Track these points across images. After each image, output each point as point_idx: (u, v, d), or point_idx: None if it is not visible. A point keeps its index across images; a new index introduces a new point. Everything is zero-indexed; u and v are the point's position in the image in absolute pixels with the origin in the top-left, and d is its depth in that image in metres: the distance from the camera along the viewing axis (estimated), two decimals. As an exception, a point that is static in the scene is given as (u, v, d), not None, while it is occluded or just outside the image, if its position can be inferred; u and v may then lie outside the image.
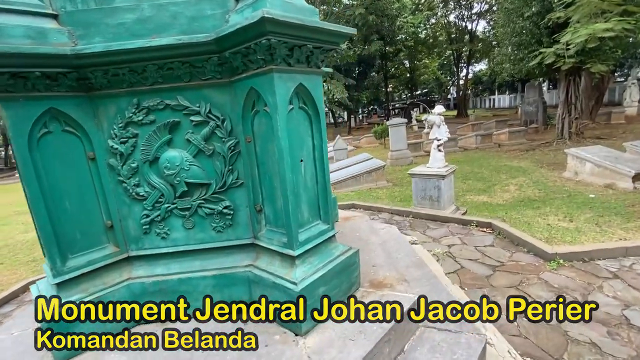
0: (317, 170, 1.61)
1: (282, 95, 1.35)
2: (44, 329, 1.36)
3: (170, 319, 1.64)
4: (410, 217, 4.92)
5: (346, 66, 27.43)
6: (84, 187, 1.52)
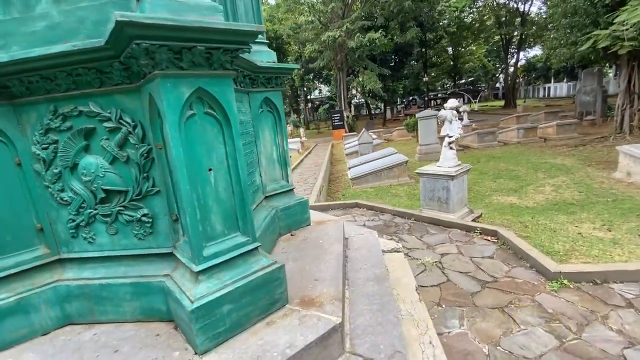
0: (232, 179, 1.51)
1: (172, 101, 1.27)
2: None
3: (92, 323, 1.67)
4: (412, 219, 4.63)
5: (382, 55, 26.50)
6: (12, 191, 1.57)
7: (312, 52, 23.25)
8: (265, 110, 2.48)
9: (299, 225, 2.70)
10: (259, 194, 2.42)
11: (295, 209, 2.65)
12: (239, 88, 2.15)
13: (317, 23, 21.55)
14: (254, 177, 2.34)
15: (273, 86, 2.47)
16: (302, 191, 7.42)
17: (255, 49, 2.35)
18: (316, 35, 21.70)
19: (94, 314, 1.68)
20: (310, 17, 20.94)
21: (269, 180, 2.57)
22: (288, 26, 23.00)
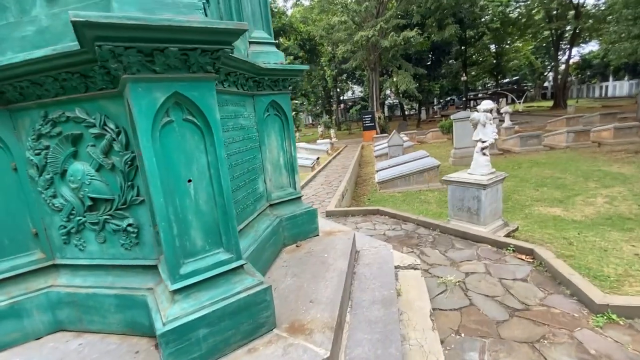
0: (214, 191, 1.40)
1: (144, 107, 1.17)
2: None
3: (81, 331, 1.64)
4: (437, 231, 4.28)
5: (417, 54, 25.61)
6: (9, 196, 1.58)
7: (345, 53, 23.00)
8: (272, 114, 2.37)
9: (306, 236, 2.55)
10: (262, 202, 2.31)
11: (302, 219, 2.50)
12: (241, 91, 2.05)
13: (351, 23, 21.27)
14: (256, 184, 2.23)
15: (280, 89, 2.34)
16: (325, 194, 7.27)
17: (261, 49, 2.25)
18: (349, 35, 21.43)
19: (82, 323, 1.65)
20: (344, 17, 20.72)
21: (274, 188, 2.45)
22: (321, 27, 22.95)
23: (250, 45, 2.22)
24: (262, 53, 2.23)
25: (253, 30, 2.23)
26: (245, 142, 2.09)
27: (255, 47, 2.23)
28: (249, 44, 2.21)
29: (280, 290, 1.87)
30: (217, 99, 1.75)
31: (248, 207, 2.08)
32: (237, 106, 2.00)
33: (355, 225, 4.72)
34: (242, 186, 2.00)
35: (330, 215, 5.33)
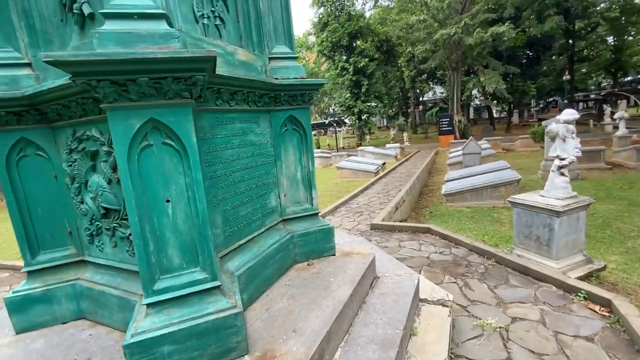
0: (192, 211, 1.43)
1: (121, 133, 1.26)
2: (8, 303, 1.81)
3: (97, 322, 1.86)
4: (492, 260, 3.69)
5: (509, 51, 22.77)
6: (52, 199, 1.88)
7: (424, 53, 21.76)
8: (290, 129, 2.34)
9: (320, 254, 2.46)
10: (273, 217, 2.30)
11: (316, 236, 2.42)
12: (253, 108, 2.07)
13: (431, 21, 20.02)
14: (267, 199, 2.23)
15: (299, 103, 2.30)
16: (378, 204, 6.96)
17: (281, 64, 2.24)
18: (428, 34, 20.19)
19: (97, 315, 1.87)
20: (423, 16, 19.60)
21: (290, 202, 2.42)
22: (399, 27, 22.13)
23: (270, 60, 2.23)
24: (281, 68, 2.22)
25: (274, 45, 2.23)
26: (256, 158, 2.11)
27: (275, 62, 2.22)
28: (268, 59, 2.22)
29: (272, 312, 1.83)
30: (222, 118, 1.81)
31: (254, 222, 2.09)
32: (247, 123, 2.03)
33: (399, 243, 4.39)
34: (247, 202, 2.01)
35: (375, 228, 5.07)
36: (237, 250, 1.92)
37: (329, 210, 6.54)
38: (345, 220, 5.92)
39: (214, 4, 1.88)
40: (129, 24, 1.23)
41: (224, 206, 1.83)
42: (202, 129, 1.68)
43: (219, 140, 1.79)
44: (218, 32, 1.92)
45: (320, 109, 48.03)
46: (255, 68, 2.10)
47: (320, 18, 26.21)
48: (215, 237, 1.76)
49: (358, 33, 26.24)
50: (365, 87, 25.75)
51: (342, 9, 25.40)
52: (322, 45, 26.59)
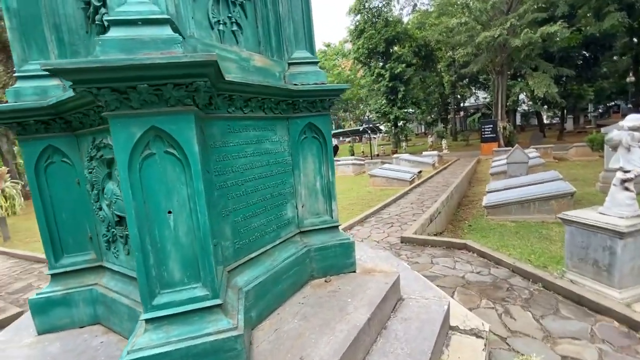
0: (194, 223, 1.36)
1: (122, 142, 1.22)
2: (32, 305, 1.87)
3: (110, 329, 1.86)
4: (538, 285, 3.26)
5: (562, 52, 21.02)
6: (75, 205, 1.94)
7: (465, 56, 20.78)
8: (309, 137, 2.23)
9: (339, 270, 2.30)
10: (290, 228, 2.19)
11: (335, 251, 2.27)
12: (269, 115, 1.99)
13: (473, 24, 19.09)
14: (283, 210, 2.13)
15: (319, 110, 2.19)
16: (410, 215, 6.60)
17: (300, 70, 2.15)
18: (470, 37, 19.26)
19: (109, 322, 1.87)
20: (464, 19, 18.76)
21: (308, 214, 2.30)
22: (438, 31, 21.39)
23: (290, 66, 2.15)
24: (300, 74, 2.13)
25: (294, 50, 2.15)
26: (271, 167, 2.02)
27: (294, 67, 2.14)
28: (287, 65, 2.14)
29: (280, 333, 1.70)
30: (235, 125, 1.75)
31: (268, 233, 2.00)
32: (262, 130, 1.95)
33: (431, 260, 4.06)
34: (260, 213, 1.93)
35: (406, 242, 4.78)
36: (248, 263, 1.83)
37: (358, 220, 6.33)
38: (375, 231, 5.67)
39: (231, 10, 1.85)
40: (133, 30, 1.20)
41: (235, 217, 1.75)
42: (212, 137, 1.62)
43: (230, 149, 1.73)
44: (235, 38, 1.87)
45: (356, 116, 47.81)
46: (273, 74, 2.03)
47: (357, 25, 26.20)
48: (224, 249, 1.69)
49: (395, 39, 25.81)
50: (402, 93, 25.16)
51: (379, 16, 25.18)
52: (358, 52, 26.52)
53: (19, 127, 1.77)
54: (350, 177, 15.77)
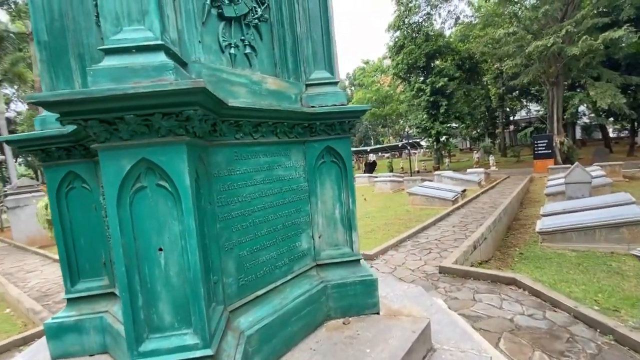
0: (187, 262, 1.24)
1: (111, 175, 1.16)
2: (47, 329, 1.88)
3: (112, 363, 1.80)
4: (609, 337, 2.67)
5: (629, 59, 18.88)
6: (91, 230, 1.94)
7: (514, 68, 19.51)
8: (328, 161, 2.06)
9: (360, 311, 2.06)
10: (304, 261, 2.01)
11: (355, 288, 2.03)
12: (283, 139, 1.87)
13: (522, 33, 17.93)
14: (297, 241, 1.96)
15: (338, 133, 2.02)
16: (452, 241, 6.06)
17: (319, 91, 2.02)
18: (519, 47, 18.07)
19: (115, 354, 1.81)
20: (512, 29, 17.69)
21: (326, 245, 2.10)
22: (482, 43, 20.39)
23: (308, 87, 2.03)
24: (319, 95, 1.99)
25: (312, 71, 2.03)
26: (284, 194, 1.88)
27: (312, 89, 2.01)
28: (305, 86, 2.02)
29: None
30: (243, 152, 1.64)
31: (278, 268, 1.83)
32: (274, 156, 1.83)
33: (473, 295, 3.59)
34: (269, 245, 1.78)
35: (445, 272, 4.32)
36: (254, 302, 1.67)
37: (393, 244, 5.94)
38: (410, 257, 5.26)
39: (245, 32, 1.78)
40: (126, 58, 1.14)
41: (239, 251, 1.62)
42: (216, 165, 1.52)
43: (237, 177, 1.62)
44: (248, 61, 1.80)
45: (395, 131, 46.92)
46: (288, 96, 1.92)
47: (396, 41, 26.00)
48: (226, 287, 1.55)
49: (436, 53, 25.14)
50: (444, 107, 24.19)
51: (419, 31, 24.78)
52: (397, 67, 26.20)
53: (43, 154, 1.82)
54: (387, 195, 15.24)
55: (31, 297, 4.88)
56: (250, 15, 1.77)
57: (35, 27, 1.79)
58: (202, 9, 1.55)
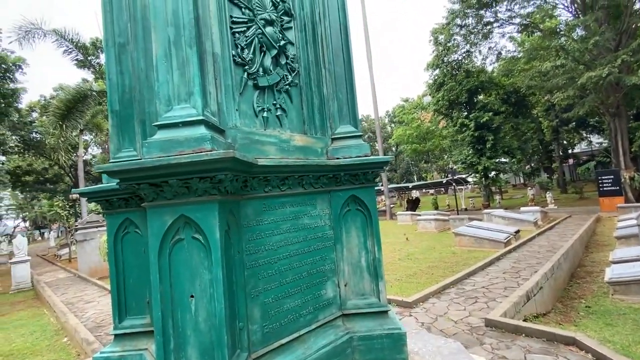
0: (214, 309, 1.35)
1: (155, 229, 1.35)
2: None
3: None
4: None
5: None
6: (140, 270, 2.17)
7: (566, 100, 18.43)
8: (353, 209, 2.14)
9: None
10: (330, 310, 2.02)
11: (382, 342, 1.98)
12: (309, 190, 2.00)
13: (571, 65, 17.11)
14: (323, 289, 2.00)
15: (362, 182, 2.11)
16: (501, 289, 5.53)
17: (343, 144, 2.16)
18: (570, 79, 17.16)
19: (150, 393, 1.92)
20: (560, 61, 16.99)
21: (352, 294, 2.11)
22: (528, 77, 19.71)
23: (333, 141, 2.18)
24: (343, 148, 2.13)
25: (338, 126, 2.20)
26: (309, 242, 1.97)
27: (338, 142, 2.16)
28: (331, 140, 2.18)
29: None
30: (271, 204, 1.80)
31: (303, 316, 1.87)
32: (300, 206, 1.95)
33: (524, 356, 3.20)
34: (294, 293, 1.84)
35: (492, 326, 3.93)
36: (277, 350, 1.71)
37: (435, 290, 5.59)
38: (453, 307, 4.89)
39: (277, 97, 2.01)
40: (174, 132, 1.38)
41: (265, 298, 1.71)
42: (245, 217, 1.68)
43: (264, 227, 1.76)
44: (279, 122, 2.01)
45: (439, 167, 45.54)
46: (315, 150, 2.08)
47: (436, 79, 26.16)
48: (251, 333, 1.62)
49: (479, 88, 24.74)
50: (491, 142, 23.19)
51: (459, 68, 24.79)
52: (438, 104, 26.08)
53: (107, 203, 2.14)
54: (432, 234, 14.51)
55: (87, 327, 5.31)
56: (281, 82, 2.02)
57: (110, 99, 2.19)
58: (239, 82, 1.82)
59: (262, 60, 1.93)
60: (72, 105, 15.11)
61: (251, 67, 1.87)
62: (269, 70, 1.96)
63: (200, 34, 1.50)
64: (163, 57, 1.43)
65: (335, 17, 2.19)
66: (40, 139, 24.64)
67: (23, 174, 31.18)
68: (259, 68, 1.91)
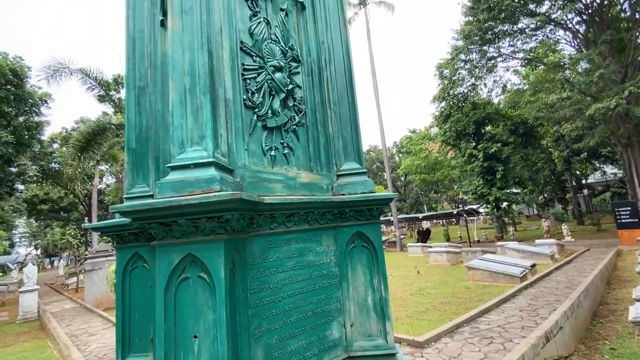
0: (217, 351, 1.34)
1: (163, 267, 1.39)
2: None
3: None
4: None
5: None
6: (145, 306, 2.18)
7: (574, 131, 18.42)
8: (359, 246, 2.14)
9: (395, 415, 1.88)
10: (335, 352, 1.96)
11: (390, 387, 1.90)
12: (315, 226, 2.03)
13: (577, 97, 17.29)
14: (328, 329, 1.96)
15: (368, 218, 2.13)
16: (518, 329, 5.24)
17: (348, 180, 2.21)
18: (578, 110, 17.26)
19: None
20: (565, 93, 17.20)
21: (358, 335, 2.05)
22: (535, 109, 19.89)
23: (338, 177, 2.23)
24: (348, 184, 2.18)
25: (343, 163, 2.26)
26: (314, 280, 1.96)
27: (343, 179, 2.21)
28: (336, 177, 2.23)
29: None
30: (276, 240, 1.82)
31: (307, 358, 1.82)
32: (305, 242, 1.97)
33: (545, 402, 2.99)
34: (298, 333, 1.81)
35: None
36: (282, 394, 1.66)
37: (447, 329, 5.33)
38: (467, 348, 4.63)
39: (284, 136, 2.11)
40: (185, 173, 1.45)
41: (268, 339, 1.68)
42: (251, 254, 1.70)
43: (269, 264, 1.77)
44: (286, 160, 2.09)
45: (449, 197, 45.00)
46: (320, 187, 2.13)
47: (442, 111, 26.60)
48: (254, 376, 1.59)
49: (486, 119, 25.00)
50: (501, 172, 23.00)
51: (465, 100, 25.25)
52: (445, 135, 26.32)
53: (118, 238, 2.20)
54: (444, 268, 14.04)
55: (89, 363, 5.20)
56: (289, 123, 2.12)
57: (127, 138, 2.31)
58: (249, 124, 1.92)
59: (271, 103, 2.04)
60: (91, 137, 15.86)
61: (261, 109, 1.98)
62: (278, 112, 2.06)
63: (214, 82, 1.62)
64: (178, 104, 1.54)
65: (340, 62, 2.33)
66: (58, 168, 25.60)
67: (39, 202, 32.09)
68: (268, 110, 2.02)
